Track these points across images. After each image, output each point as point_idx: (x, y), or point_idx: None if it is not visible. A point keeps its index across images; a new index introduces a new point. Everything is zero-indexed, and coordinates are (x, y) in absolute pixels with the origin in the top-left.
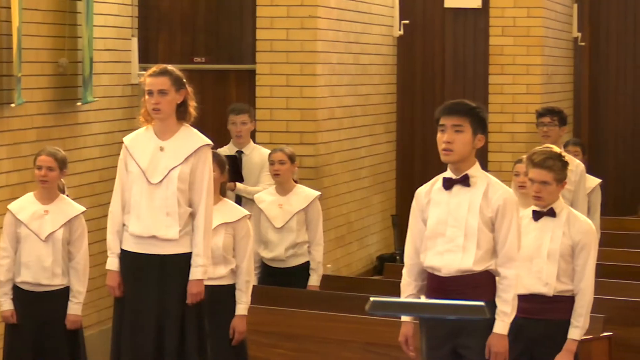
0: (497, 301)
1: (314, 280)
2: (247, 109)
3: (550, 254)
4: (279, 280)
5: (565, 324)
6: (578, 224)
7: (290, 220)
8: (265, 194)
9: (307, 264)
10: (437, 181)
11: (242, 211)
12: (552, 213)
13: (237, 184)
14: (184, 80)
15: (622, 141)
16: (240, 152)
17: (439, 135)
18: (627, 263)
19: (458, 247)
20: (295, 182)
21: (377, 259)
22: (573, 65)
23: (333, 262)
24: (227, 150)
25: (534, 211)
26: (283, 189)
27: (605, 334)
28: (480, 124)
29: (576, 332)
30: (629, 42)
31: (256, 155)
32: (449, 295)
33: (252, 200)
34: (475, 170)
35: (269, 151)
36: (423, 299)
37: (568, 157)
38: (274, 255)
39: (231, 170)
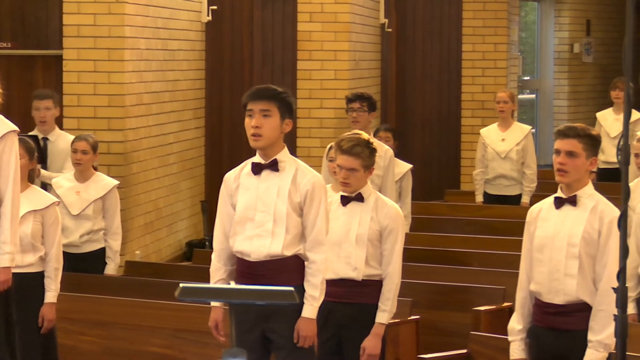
0: (306, 285)
1: (111, 269)
2: (50, 95)
3: (358, 239)
4: (74, 265)
5: (374, 308)
6: (386, 209)
7: (87, 208)
8: (63, 180)
9: (103, 250)
10: (246, 166)
11: (50, 198)
12: (360, 198)
13: (42, 170)
14: None
15: (428, 126)
16: (45, 139)
17: (247, 120)
18: (434, 247)
19: (267, 232)
20: (95, 169)
21: (187, 245)
22: (380, 52)
23: (142, 249)
24: None
25: (342, 196)
26: (82, 176)
27: (412, 317)
28: (287, 109)
29: (384, 316)
30: (434, 29)
31: (61, 141)
32: (258, 279)
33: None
34: (283, 155)
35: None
36: (232, 284)
37: (377, 143)
38: (68, 242)
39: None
